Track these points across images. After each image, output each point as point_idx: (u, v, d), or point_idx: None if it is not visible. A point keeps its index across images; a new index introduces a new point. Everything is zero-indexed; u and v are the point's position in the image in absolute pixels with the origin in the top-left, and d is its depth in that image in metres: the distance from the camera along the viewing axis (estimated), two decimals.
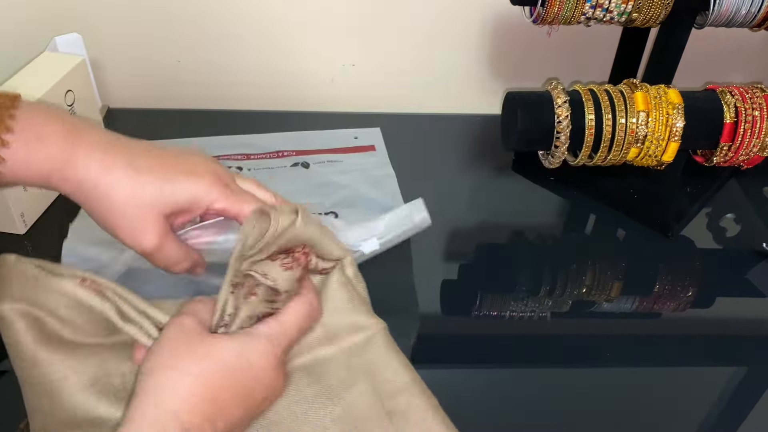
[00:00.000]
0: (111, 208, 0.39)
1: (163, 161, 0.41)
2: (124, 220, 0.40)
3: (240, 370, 0.38)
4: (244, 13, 0.78)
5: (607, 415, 0.49)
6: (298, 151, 0.72)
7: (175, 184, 0.40)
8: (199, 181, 0.41)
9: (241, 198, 0.43)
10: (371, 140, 0.75)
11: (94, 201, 0.39)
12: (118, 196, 0.39)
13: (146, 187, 0.39)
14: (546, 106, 0.61)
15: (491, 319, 0.55)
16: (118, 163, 0.39)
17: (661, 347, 0.55)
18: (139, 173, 0.39)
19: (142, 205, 0.40)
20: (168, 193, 0.40)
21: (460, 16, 0.79)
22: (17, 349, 0.40)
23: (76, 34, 0.71)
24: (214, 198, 0.41)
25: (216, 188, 0.41)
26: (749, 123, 0.61)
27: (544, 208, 0.69)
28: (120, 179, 0.39)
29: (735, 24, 0.64)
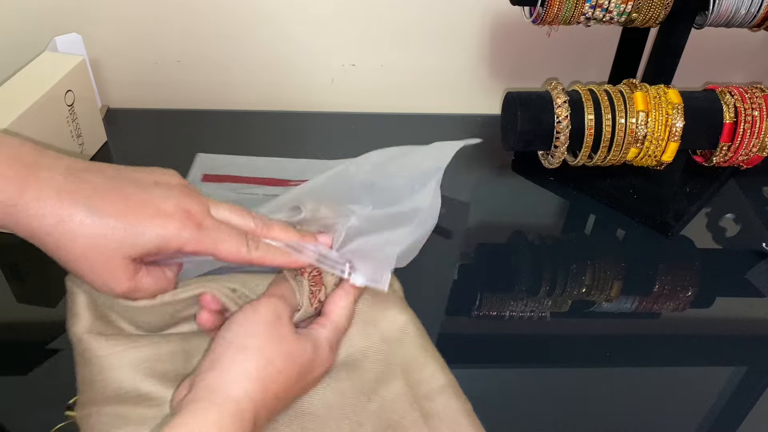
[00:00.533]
0: (71, 257, 0.36)
1: (126, 200, 0.37)
2: (87, 269, 0.37)
3: (306, 372, 0.40)
4: (244, 13, 0.78)
5: (606, 415, 0.49)
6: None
7: (139, 228, 0.36)
8: (167, 223, 0.37)
9: (215, 237, 0.39)
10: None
11: (52, 249, 0.36)
12: (76, 245, 0.36)
13: (107, 234, 0.36)
14: (546, 106, 0.61)
15: (491, 319, 0.56)
16: (76, 209, 0.35)
17: (660, 347, 0.55)
18: (98, 218, 0.35)
19: (105, 254, 0.36)
20: (132, 238, 0.36)
21: (460, 16, 0.79)
22: (76, 321, 0.42)
23: (75, 34, 0.71)
24: (183, 241, 0.38)
25: (186, 230, 0.37)
26: (749, 123, 0.61)
27: (543, 208, 0.69)
28: (77, 228, 0.35)
29: (734, 24, 0.64)
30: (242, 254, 0.40)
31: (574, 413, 0.49)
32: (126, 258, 0.37)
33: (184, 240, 0.38)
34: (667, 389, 0.51)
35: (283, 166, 0.69)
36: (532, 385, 0.51)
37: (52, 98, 0.61)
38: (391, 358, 0.45)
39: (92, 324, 0.42)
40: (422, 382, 0.44)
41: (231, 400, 0.36)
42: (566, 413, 0.49)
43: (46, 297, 0.55)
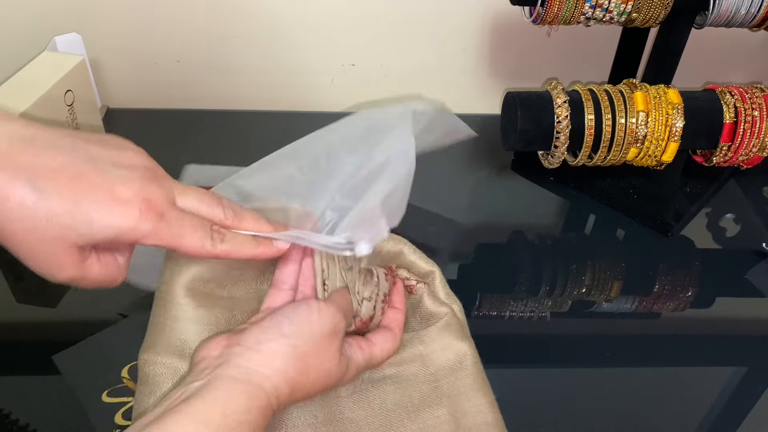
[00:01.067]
0: (10, 238, 0.32)
1: (78, 180, 0.32)
2: (27, 252, 0.32)
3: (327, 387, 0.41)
4: (244, 13, 0.78)
5: (606, 415, 0.49)
6: None
7: (91, 215, 0.32)
8: (124, 212, 0.33)
9: (177, 230, 0.35)
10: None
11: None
12: (16, 227, 0.31)
13: (52, 218, 0.31)
14: (545, 106, 0.61)
15: (491, 319, 0.55)
16: (16, 186, 0.31)
17: (660, 347, 0.55)
18: (42, 200, 0.31)
19: (47, 238, 0.32)
20: (82, 226, 0.32)
21: (460, 16, 0.79)
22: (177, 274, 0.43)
23: (75, 33, 0.71)
24: (143, 233, 0.33)
25: (145, 222, 0.33)
26: (749, 123, 0.61)
27: (543, 208, 0.69)
28: (16, 208, 0.31)
29: (734, 24, 0.64)
30: (206, 249, 0.36)
31: (574, 413, 0.49)
32: (72, 246, 0.32)
33: (142, 232, 0.33)
34: (667, 389, 0.51)
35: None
36: (532, 385, 0.51)
37: (52, 98, 0.61)
38: (441, 384, 0.45)
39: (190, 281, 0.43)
40: (467, 414, 0.44)
41: (263, 391, 0.36)
42: (566, 413, 0.49)
43: (46, 297, 0.55)
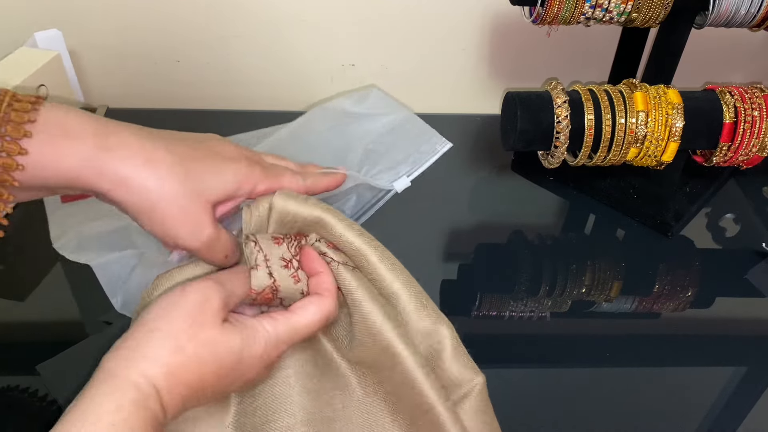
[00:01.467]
0: (160, 202, 0.36)
1: (198, 147, 0.40)
2: (177, 213, 0.37)
3: (231, 366, 0.37)
4: (243, 13, 0.78)
5: (606, 415, 0.49)
6: None
7: (218, 169, 0.39)
8: (239, 166, 0.41)
9: (277, 174, 0.43)
10: None
11: (138, 197, 0.36)
12: (167, 188, 0.36)
13: (194, 176, 0.37)
14: (545, 106, 0.61)
15: (491, 319, 0.55)
16: (160, 154, 0.37)
17: (660, 347, 0.55)
18: (183, 162, 0.37)
19: (194, 195, 0.37)
20: (214, 180, 0.39)
21: (459, 16, 0.79)
22: None
23: (56, 30, 0.71)
24: (256, 180, 0.41)
25: (255, 171, 0.41)
26: (749, 123, 0.61)
27: (543, 208, 0.69)
28: (166, 170, 0.36)
29: (734, 24, 0.64)
30: (299, 183, 0.44)
31: (574, 413, 0.49)
32: (208, 201, 0.38)
33: (256, 179, 0.41)
34: (667, 389, 0.51)
35: None
36: (532, 385, 0.51)
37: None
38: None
39: None
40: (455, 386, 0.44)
41: (131, 384, 0.33)
42: (566, 413, 0.49)
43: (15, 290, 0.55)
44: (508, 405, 0.49)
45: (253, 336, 0.38)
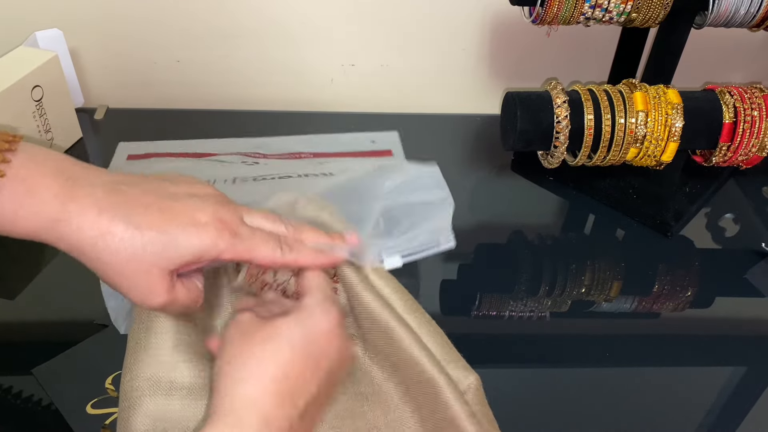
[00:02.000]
0: (110, 269, 0.37)
1: (163, 212, 0.38)
2: (126, 281, 0.37)
3: (304, 342, 0.38)
4: (243, 13, 0.78)
5: (606, 415, 0.49)
6: (317, 153, 0.70)
7: (178, 239, 0.37)
8: (204, 233, 0.38)
9: (250, 243, 0.40)
10: (388, 145, 0.73)
11: (93, 261, 0.37)
12: (118, 258, 0.36)
13: (147, 247, 0.36)
14: (545, 106, 0.61)
15: (490, 319, 0.56)
16: (116, 223, 0.36)
17: (660, 347, 0.55)
18: (138, 232, 0.36)
19: (144, 266, 0.37)
20: (172, 250, 0.37)
21: (459, 16, 0.79)
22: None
23: (56, 29, 0.71)
24: (221, 249, 0.38)
25: (222, 239, 0.38)
26: (748, 123, 0.61)
27: (543, 208, 0.69)
28: (118, 242, 0.36)
29: (734, 24, 0.64)
30: (277, 257, 0.41)
31: (574, 413, 0.49)
32: (164, 270, 0.37)
33: (221, 248, 0.38)
34: (667, 389, 0.51)
35: (208, 144, 0.70)
36: (532, 385, 0.51)
37: (18, 92, 0.62)
38: None
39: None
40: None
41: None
42: (566, 413, 0.49)
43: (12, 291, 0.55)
44: (508, 405, 0.49)
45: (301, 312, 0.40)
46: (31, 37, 0.69)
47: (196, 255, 0.38)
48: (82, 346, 0.49)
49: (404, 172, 0.58)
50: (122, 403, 0.42)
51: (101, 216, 0.36)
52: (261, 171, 0.64)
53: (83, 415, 0.45)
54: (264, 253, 0.40)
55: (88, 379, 0.47)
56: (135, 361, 0.43)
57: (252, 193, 0.59)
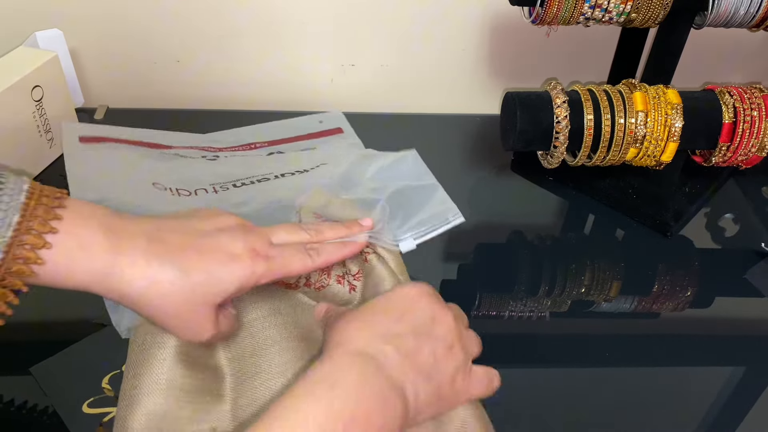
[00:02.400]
0: (162, 313, 0.39)
1: (203, 253, 0.40)
2: (178, 322, 0.40)
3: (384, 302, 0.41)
4: (243, 13, 0.78)
5: (606, 415, 0.49)
6: (270, 141, 0.71)
7: (221, 276, 0.40)
8: (241, 265, 0.40)
9: (282, 262, 0.43)
10: (336, 123, 0.75)
11: (145, 307, 0.39)
12: (168, 302, 0.38)
13: (196, 289, 0.39)
14: (545, 106, 0.61)
15: (490, 319, 0.56)
16: (164, 271, 0.38)
17: (659, 347, 0.55)
18: (185, 275, 0.38)
19: (194, 306, 0.39)
20: (216, 286, 0.40)
21: (459, 16, 0.79)
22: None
23: (56, 29, 0.71)
24: (258, 276, 0.41)
25: (258, 266, 0.41)
26: (748, 123, 0.61)
27: (543, 208, 0.69)
28: (168, 287, 0.38)
29: (734, 24, 0.65)
30: (308, 265, 0.44)
31: (574, 413, 0.49)
32: (212, 306, 0.40)
33: (258, 275, 0.41)
34: (667, 389, 0.51)
35: (163, 135, 0.70)
36: (531, 385, 0.51)
37: (16, 93, 0.62)
38: None
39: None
40: None
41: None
42: (565, 413, 0.49)
43: None
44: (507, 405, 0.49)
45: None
46: (31, 37, 0.69)
47: (238, 286, 0.40)
48: (80, 345, 0.50)
49: (385, 157, 0.62)
50: (121, 402, 0.42)
51: (149, 266, 0.38)
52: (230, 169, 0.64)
53: (80, 415, 0.45)
54: (297, 266, 0.44)
55: (84, 378, 0.47)
56: (138, 361, 0.43)
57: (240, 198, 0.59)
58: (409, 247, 0.53)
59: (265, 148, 0.70)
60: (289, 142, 0.71)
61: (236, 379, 0.45)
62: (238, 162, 0.66)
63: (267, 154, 0.68)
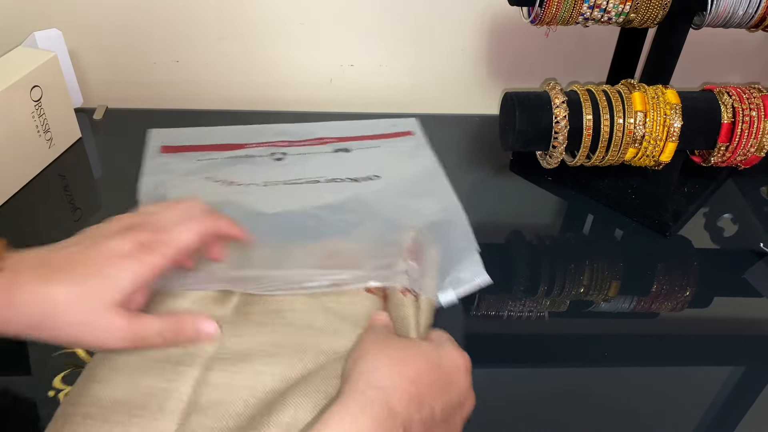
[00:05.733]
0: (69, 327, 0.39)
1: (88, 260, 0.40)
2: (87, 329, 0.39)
3: (436, 362, 0.40)
4: (242, 13, 0.78)
5: (605, 415, 0.49)
6: (339, 138, 0.74)
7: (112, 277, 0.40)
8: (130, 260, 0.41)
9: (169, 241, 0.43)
10: (408, 128, 0.77)
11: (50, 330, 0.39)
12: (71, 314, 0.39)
13: (91, 294, 0.39)
14: (544, 106, 0.61)
15: (489, 319, 0.56)
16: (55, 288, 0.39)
17: (658, 347, 0.55)
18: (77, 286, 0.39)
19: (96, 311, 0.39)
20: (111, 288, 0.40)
21: (458, 16, 0.79)
22: None
23: (55, 29, 0.71)
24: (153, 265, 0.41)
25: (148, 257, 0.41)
26: (746, 123, 0.61)
27: (542, 209, 0.69)
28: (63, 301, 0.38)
29: (732, 24, 0.65)
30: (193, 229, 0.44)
31: (573, 413, 0.49)
32: (113, 307, 0.40)
33: (152, 265, 0.41)
34: (666, 389, 0.51)
35: (238, 132, 0.74)
36: (530, 385, 0.51)
37: (15, 93, 0.61)
38: None
39: None
40: None
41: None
42: (565, 413, 0.49)
43: None
44: (507, 405, 0.49)
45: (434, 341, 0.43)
46: (30, 38, 0.69)
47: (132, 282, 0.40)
48: None
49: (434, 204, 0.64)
50: None
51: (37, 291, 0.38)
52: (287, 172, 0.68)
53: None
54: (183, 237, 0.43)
55: None
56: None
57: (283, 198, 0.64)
58: (450, 299, 0.53)
59: (333, 144, 0.73)
60: (358, 140, 0.74)
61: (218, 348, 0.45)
62: (300, 165, 0.69)
63: (333, 151, 0.71)
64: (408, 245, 0.51)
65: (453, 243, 0.58)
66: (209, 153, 0.70)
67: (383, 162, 0.70)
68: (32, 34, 0.69)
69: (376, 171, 0.68)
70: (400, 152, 0.72)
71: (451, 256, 0.56)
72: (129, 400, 0.42)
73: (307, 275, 0.49)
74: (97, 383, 0.43)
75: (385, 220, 0.60)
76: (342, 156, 0.71)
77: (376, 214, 0.61)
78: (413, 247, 0.51)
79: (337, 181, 0.67)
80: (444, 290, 0.53)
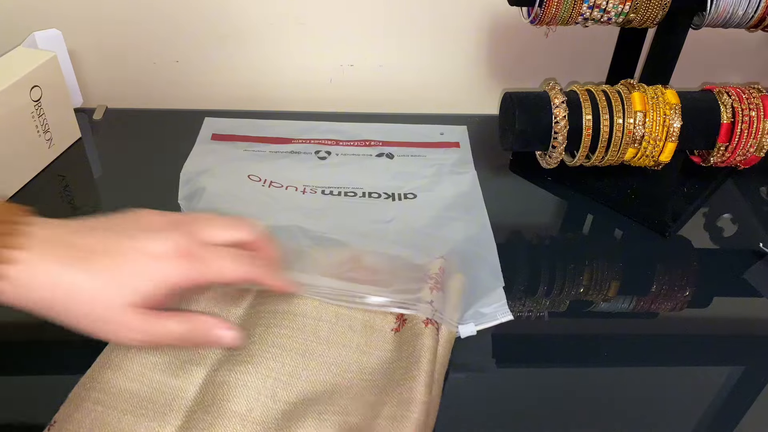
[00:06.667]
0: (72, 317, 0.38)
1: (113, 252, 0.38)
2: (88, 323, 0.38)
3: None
4: (242, 13, 0.78)
5: (605, 415, 0.49)
6: (385, 141, 0.74)
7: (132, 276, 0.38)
8: (158, 264, 0.39)
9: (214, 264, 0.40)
10: (456, 137, 0.76)
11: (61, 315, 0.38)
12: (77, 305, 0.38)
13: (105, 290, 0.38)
14: (543, 106, 0.61)
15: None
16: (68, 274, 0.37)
17: (658, 347, 0.55)
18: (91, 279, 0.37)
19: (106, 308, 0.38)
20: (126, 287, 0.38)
21: (458, 16, 0.79)
22: None
23: (55, 29, 0.71)
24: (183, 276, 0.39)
25: (181, 266, 0.39)
26: (746, 123, 0.61)
27: (541, 209, 0.69)
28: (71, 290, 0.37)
29: (732, 24, 0.65)
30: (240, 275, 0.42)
31: (572, 413, 0.49)
32: (126, 306, 0.38)
33: (182, 275, 0.39)
34: (665, 389, 0.51)
35: (288, 127, 0.76)
36: (530, 384, 0.51)
37: (15, 93, 0.61)
38: None
39: None
40: None
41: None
42: (564, 413, 0.49)
43: None
44: (507, 405, 0.49)
45: None
46: (30, 38, 0.69)
47: (153, 286, 0.38)
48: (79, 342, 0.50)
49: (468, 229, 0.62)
50: None
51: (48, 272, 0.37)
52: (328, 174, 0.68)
53: None
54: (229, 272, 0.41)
55: None
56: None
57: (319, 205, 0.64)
58: (470, 332, 0.51)
59: (377, 148, 0.73)
60: (403, 146, 0.74)
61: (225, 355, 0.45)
62: (342, 167, 0.69)
63: (377, 155, 0.72)
64: (435, 273, 0.50)
65: (480, 276, 0.56)
66: (257, 144, 0.72)
67: (423, 177, 0.68)
68: (32, 34, 0.69)
69: (414, 189, 0.67)
70: (442, 167, 0.70)
71: (476, 288, 0.54)
72: (139, 392, 0.42)
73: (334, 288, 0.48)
74: (110, 369, 0.43)
75: (414, 245, 0.58)
76: (385, 162, 0.71)
77: (404, 240, 0.59)
78: (440, 276, 0.50)
79: (374, 197, 0.65)
80: (465, 323, 0.51)
